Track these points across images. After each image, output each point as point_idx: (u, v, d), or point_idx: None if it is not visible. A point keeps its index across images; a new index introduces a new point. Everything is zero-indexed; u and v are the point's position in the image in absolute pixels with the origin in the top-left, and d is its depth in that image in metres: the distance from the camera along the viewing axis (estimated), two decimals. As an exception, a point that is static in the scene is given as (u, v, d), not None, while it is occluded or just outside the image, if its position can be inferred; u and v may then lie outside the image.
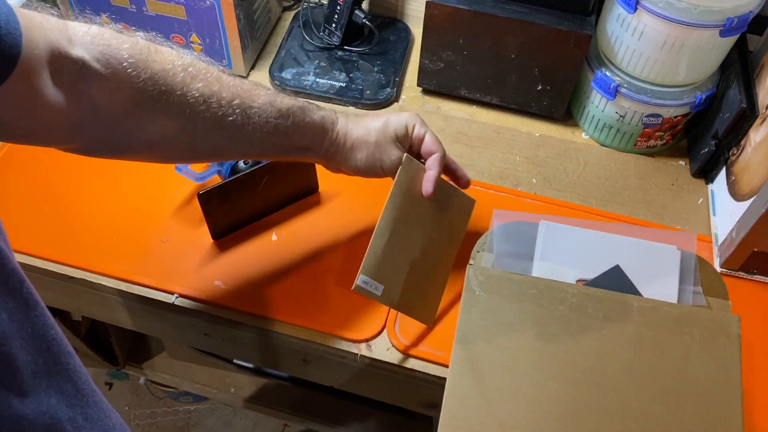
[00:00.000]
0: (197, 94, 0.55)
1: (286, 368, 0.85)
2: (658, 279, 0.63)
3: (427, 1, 0.86)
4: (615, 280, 0.62)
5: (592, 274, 0.63)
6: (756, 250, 0.76)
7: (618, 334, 0.58)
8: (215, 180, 0.82)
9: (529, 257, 0.63)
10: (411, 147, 0.70)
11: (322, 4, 1.04)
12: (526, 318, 0.58)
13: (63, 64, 0.47)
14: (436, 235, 0.72)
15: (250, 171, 0.76)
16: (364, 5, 1.03)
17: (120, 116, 0.52)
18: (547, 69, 0.89)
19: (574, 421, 0.54)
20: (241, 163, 0.79)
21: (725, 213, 0.82)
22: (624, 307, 0.59)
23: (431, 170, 0.69)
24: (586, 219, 0.78)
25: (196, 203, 0.76)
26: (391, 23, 1.05)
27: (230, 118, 0.57)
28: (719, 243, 0.81)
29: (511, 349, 0.57)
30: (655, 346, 0.57)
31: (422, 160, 0.70)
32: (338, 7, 0.97)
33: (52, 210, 0.81)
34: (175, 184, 0.84)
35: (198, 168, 0.82)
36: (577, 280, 0.62)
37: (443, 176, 0.71)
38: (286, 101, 0.61)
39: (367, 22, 0.98)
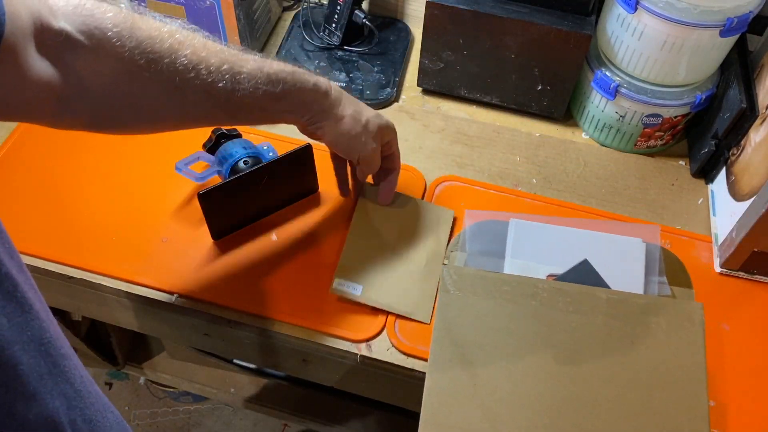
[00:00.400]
0: (186, 61, 0.54)
1: (286, 368, 0.85)
2: (625, 271, 0.65)
3: (427, 1, 0.86)
4: (584, 274, 0.64)
5: (562, 269, 0.64)
6: (756, 250, 0.76)
7: (588, 327, 0.59)
8: (215, 180, 0.82)
9: (501, 255, 0.65)
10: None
11: (322, 4, 1.04)
12: (499, 315, 0.60)
13: (47, 37, 0.46)
14: (416, 240, 0.78)
15: (250, 171, 0.76)
16: (364, 5, 1.03)
17: (108, 87, 0.51)
18: (547, 69, 0.89)
19: (550, 413, 0.56)
20: (241, 163, 0.79)
21: (725, 213, 0.82)
22: (593, 300, 0.60)
23: (389, 184, 0.78)
24: (557, 216, 0.78)
25: (196, 203, 0.76)
26: (391, 23, 1.05)
27: (219, 85, 0.56)
28: (719, 243, 0.81)
29: (487, 346, 0.59)
30: (624, 337, 0.59)
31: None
32: (338, 7, 0.97)
33: (52, 210, 0.81)
34: (175, 184, 0.84)
35: (198, 168, 0.82)
36: (548, 276, 0.64)
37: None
38: (275, 66, 0.61)
39: (367, 22, 0.98)
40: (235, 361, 1.28)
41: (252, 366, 1.28)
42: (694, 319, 0.60)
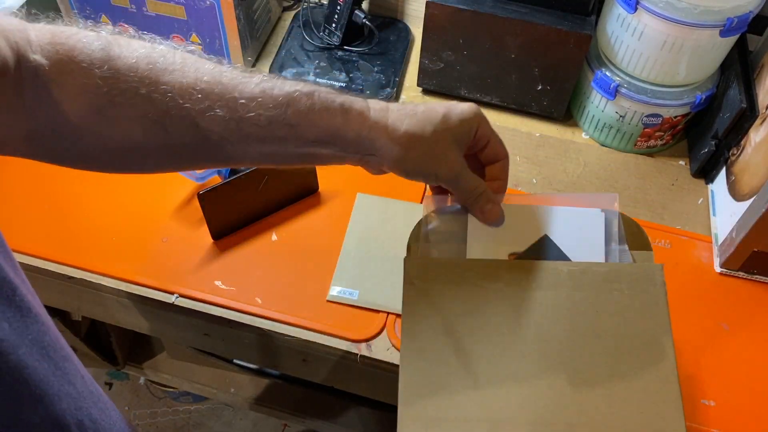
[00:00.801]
0: (166, 89, 0.47)
1: (286, 368, 0.85)
2: (586, 242, 0.63)
3: (427, 1, 0.86)
4: (545, 250, 0.63)
5: (523, 248, 0.63)
6: (756, 250, 0.76)
7: (553, 302, 0.60)
8: (215, 180, 0.82)
9: (463, 240, 0.64)
10: (468, 148, 0.57)
11: (322, 4, 1.04)
12: (466, 301, 0.60)
13: (22, 70, 0.44)
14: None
15: (250, 171, 0.76)
16: (364, 5, 1.03)
17: (79, 124, 0.47)
18: (547, 69, 0.89)
19: (526, 394, 0.57)
20: (241, 163, 0.79)
21: (725, 213, 0.82)
22: (555, 275, 0.60)
23: (499, 180, 0.59)
24: (514, 194, 0.74)
25: (196, 203, 0.76)
26: (391, 23, 1.05)
27: (209, 115, 0.48)
28: (719, 243, 0.81)
29: (456, 333, 0.59)
30: (589, 307, 0.59)
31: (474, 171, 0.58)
32: (338, 7, 0.97)
33: (51, 210, 0.81)
34: (175, 184, 0.84)
35: (198, 168, 0.83)
36: (509, 255, 0.63)
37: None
38: (288, 86, 0.50)
39: (367, 22, 0.98)
40: (235, 361, 1.28)
41: (252, 366, 1.28)
42: (655, 281, 0.60)
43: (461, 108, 0.55)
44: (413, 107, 0.54)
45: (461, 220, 0.64)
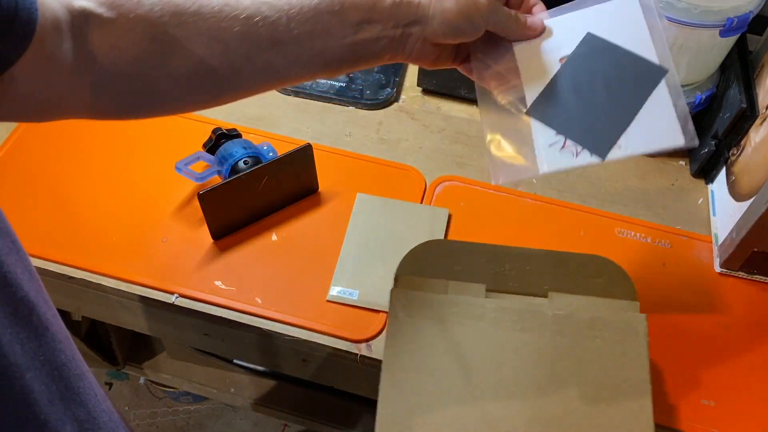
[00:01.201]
0: (215, 8, 0.48)
1: (286, 368, 0.85)
2: (628, 29, 0.58)
3: (427, 1, 0.86)
4: (593, 47, 0.58)
5: (571, 49, 0.58)
6: (756, 250, 0.76)
7: (535, 345, 0.60)
8: (215, 180, 0.82)
9: (450, 276, 0.63)
10: None
11: (322, 4, 1.04)
12: (449, 338, 0.60)
13: (71, 19, 0.44)
14: (411, 240, 0.77)
15: (250, 171, 0.76)
16: (364, 5, 1.03)
17: (139, 58, 0.47)
18: (547, 69, 0.89)
19: None
20: (241, 163, 0.79)
21: (725, 213, 0.82)
22: (539, 318, 0.61)
23: (536, 5, 0.60)
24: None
25: (196, 203, 0.76)
26: (391, 23, 1.05)
27: (259, 21, 0.48)
28: (719, 243, 0.81)
29: (437, 371, 0.59)
30: (571, 353, 0.59)
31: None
32: (338, 7, 0.97)
33: (52, 210, 0.81)
34: (175, 184, 0.84)
35: (198, 168, 0.83)
36: (560, 59, 0.58)
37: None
38: None
39: (367, 22, 0.97)
40: (235, 361, 1.28)
41: (252, 366, 1.28)
42: (638, 331, 0.60)
43: None
44: None
45: (452, 257, 0.64)
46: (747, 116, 0.80)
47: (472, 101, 0.97)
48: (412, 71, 1.01)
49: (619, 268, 0.63)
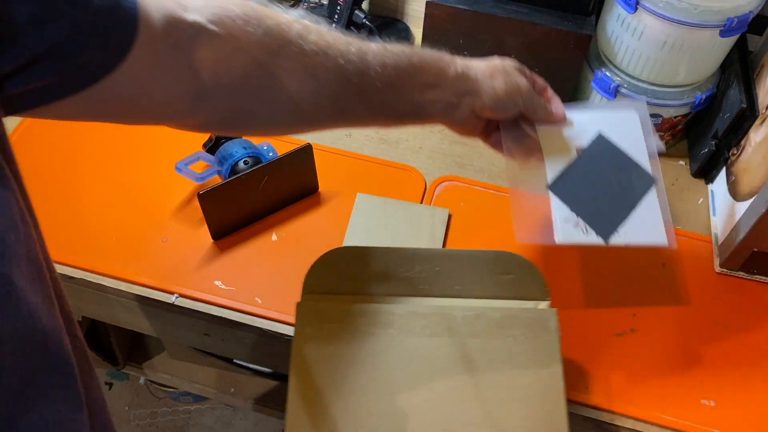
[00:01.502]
0: (314, 47, 0.52)
1: (286, 368, 0.85)
2: (629, 135, 0.71)
3: (427, 1, 0.86)
4: (602, 145, 0.70)
5: (585, 143, 0.69)
6: (756, 250, 0.76)
7: (445, 350, 0.59)
8: (215, 180, 0.82)
9: (364, 290, 0.65)
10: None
11: (322, 4, 1.04)
12: (359, 347, 0.59)
13: (179, 31, 0.45)
14: (411, 240, 0.80)
15: (250, 171, 0.76)
16: (364, 5, 1.03)
17: (242, 78, 0.50)
18: (547, 69, 0.89)
19: None
20: (241, 163, 0.79)
21: (725, 213, 0.82)
22: (448, 321, 0.60)
23: (554, 98, 0.69)
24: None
25: (196, 203, 0.76)
26: (391, 23, 1.05)
27: (350, 67, 0.54)
28: (719, 243, 0.81)
29: (348, 383, 0.58)
30: (483, 354, 0.59)
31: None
32: (338, 8, 0.97)
33: (51, 210, 0.81)
34: (175, 184, 0.84)
35: (198, 168, 0.83)
36: (577, 149, 0.69)
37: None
38: (397, 45, 0.58)
39: (367, 22, 0.98)
40: (235, 361, 1.28)
41: (252, 366, 1.28)
42: (549, 327, 0.60)
43: (507, 59, 0.66)
44: (473, 60, 0.64)
45: (360, 263, 0.63)
46: (747, 116, 0.80)
47: (472, 101, 0.97)
48: (412, 71, 1.01)
49: (529, 263, 0.63)
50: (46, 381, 0.36)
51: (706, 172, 0.90)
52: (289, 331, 0.73)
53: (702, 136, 0.89)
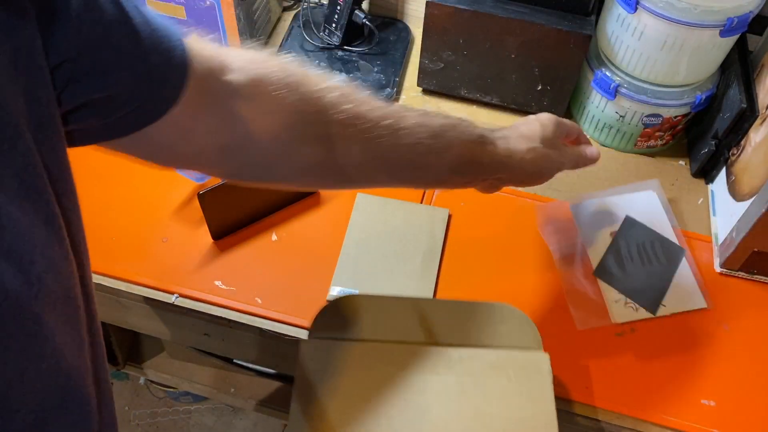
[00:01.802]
0: (345, 116, 0.53)
1: (286, 368, 0.85)
2: (652, 215, 0.82)
3: (427, 1, 0.86)
4: (632, 226, 0.81)
5: (617, 227, 0.81)
6: (756, 250, 0.76)
7: (443, 386, 0.61)
8: (215, 180, 0.82)
9: (360, 337, 0.67)
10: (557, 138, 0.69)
11: (322, 4, 1.04)
12: (360, 385, 0.61)
13: (219, 88, 0.47)
14: (412, 240, 0.80)
15: (250, 171, 0.76)
16: (364, 5, 1.03)
17: (271, 139, 0.51)
18: (547, 69, 0.89)
19: None
20: (241, 163, 0.79)
21: (725, 213, 0.82)
22: (446, 360, 0.62)
23: (584, 141, 0.73)
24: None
25: (196, 203, 0.76)
26: (391, 23, 1.05)
27: (379, 140, 0.54)
28: (719, 243, 0.81)
29: (348, 418, 0.60)
30: (477, 393, 0.61)
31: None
32: (338, 7, 0.97)
33: (52, 210, 0.81)
34: (175, 184, 0.84)
35: (198, 168, 0.83)
36: (611, 233, 0.80)
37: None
38: (438, 120, 0.58)
39: (367, 22, 0.98)
40: (235, 361, 1.28)
41: (252, 366, 1.28)
42: (542, 369, 0.62)
43: (546, 116, 0.67)
44: (514, 129, 0.64)
45: (362, 312, 0.65)
46: (747, 116, 0.80)
47: (472, 101, 0.97)
48: (412, 71, 1.01)
49: (522, 315, 0.65)
50: (62, 420, 0.36)
51: (706, 172, 0.90)
52: (289, 331, 0.73)
53: (702, 136, 0.89)
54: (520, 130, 0.64)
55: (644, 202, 0.83)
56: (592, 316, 0.76)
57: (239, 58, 0.49)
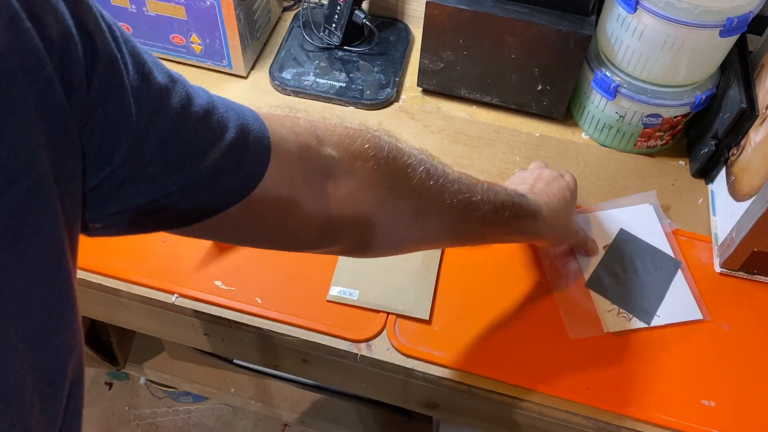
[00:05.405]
0: (430, 192, 0.54)
1: (286, 368, 0.85)
2: (646, 226, 0.83)
3: (427, 1, 0.86)
4: (626, 239, 0.82)
5: (611, 239, 0.82)
6: (756, 250, 0.76)
7: None
8: (215, 180, 0.82)
9: None
10: None
11: (322, 4, 1.04)
12: None
13: (314, 164, 0.47)
14: None
15: (250, 171, 0.76)
16: (364, 5, 1.03)
17: (364, 215, 0.52)
18: (547, 69, 0.89)
19: None
20: (241, 163, 0.79)
21: (725, 213, 0.82)
22: None
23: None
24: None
25: (196, 203, 0.76)
26: (391, 23, 1.05)
27: (454, 214, 0.57)
28: (719, 243, 0.81)
29: None
30: None
31: None
32: (338, 7, 0.97)
33: (52, 210, 0.81)
34: (175, 184, 0.84)
35: (198, 168, 0.82)
36: (604, 246, 0.81)
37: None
38: (501, 197, 0.61)
39: (367, 22, 0.98)
40: (235, 361, 1.28)
41: (252, 366, 1.28)
42: None
43: (571, 186, 0.76)
44: (548, 192, 0.72)
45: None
46: (747, 116, 0.80)
47: (472, 101, 0.98)
48: (412, 71, 1.01)
49: None
50: None
51: (706, 172, 0.90)
52: (289, 331, 0.74)
53: (702, 136, 0.89)
54: (552, 196, 0.71)
55: (640, 215, 0.84)
56: (585, 325, 0.75)
57: (332, 133, 0.49)
